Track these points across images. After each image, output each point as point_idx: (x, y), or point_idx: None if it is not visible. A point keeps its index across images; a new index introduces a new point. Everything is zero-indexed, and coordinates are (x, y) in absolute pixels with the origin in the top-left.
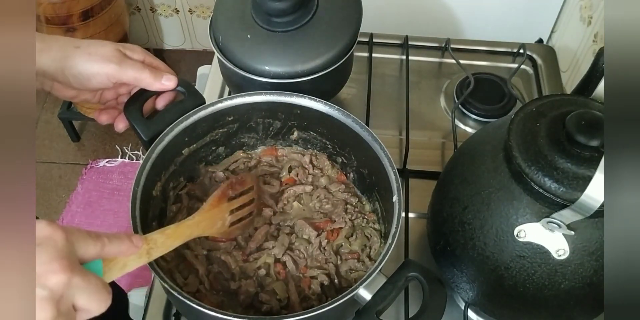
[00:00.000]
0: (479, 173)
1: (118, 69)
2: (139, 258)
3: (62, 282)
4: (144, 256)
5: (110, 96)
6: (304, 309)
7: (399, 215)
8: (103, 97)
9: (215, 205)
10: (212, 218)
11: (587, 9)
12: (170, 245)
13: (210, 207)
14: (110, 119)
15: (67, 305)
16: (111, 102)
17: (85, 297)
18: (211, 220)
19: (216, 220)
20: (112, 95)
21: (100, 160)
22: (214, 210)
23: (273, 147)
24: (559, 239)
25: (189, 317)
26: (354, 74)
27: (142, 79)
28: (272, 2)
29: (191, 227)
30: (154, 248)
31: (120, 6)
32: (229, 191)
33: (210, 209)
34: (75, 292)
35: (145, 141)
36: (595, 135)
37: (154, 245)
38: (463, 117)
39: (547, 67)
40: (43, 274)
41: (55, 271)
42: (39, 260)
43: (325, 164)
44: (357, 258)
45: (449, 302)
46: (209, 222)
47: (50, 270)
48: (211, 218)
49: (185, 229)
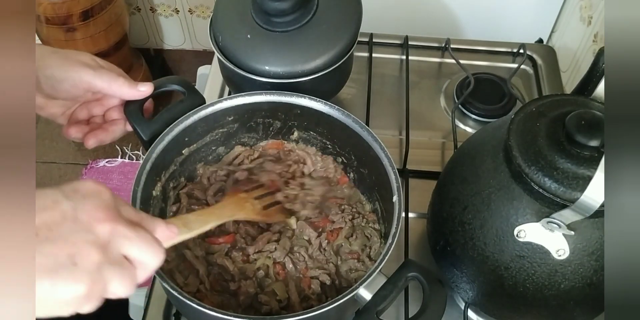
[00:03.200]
0: (479, 173)
1: (93, 74)
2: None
3: (107, 229)
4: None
5: (82, 116)
6: (304, 309)
7: (399, 215)
8: (74, 117)
9: (232, 195)
10: (236, 202)
11: (587, 9)
12: (204, 221)
13: (228, 197)
14: (79, 134)
15: (116, 252)
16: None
17: (136, 248)
18: (236, 204)
19: (242, 203)
20: (84, 115)
21: (100, 160)
22: (234, 198)
23: (279, 142)
24: (559, 239)
25: (189, 317)
26: (354, 74)
27: (117, 86)
28: (272, 2)
29: (218, 208)
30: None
31: (120, 6)
32: (240, 188)
33: (230, 198)
34: (123, 242)
35: (145, 141)
36: (595, 135)
37: (187, 220)
38: (463, 117)
39: (547, 67)
40: (88, 221)
41: (101, 219)
42: (84, 209)
43: (330, 166)
44: (357, 258)
45: (449, 302)
46: (235, 206)
47: (96, 217)
48: (235, 202)
49: (213, 210)
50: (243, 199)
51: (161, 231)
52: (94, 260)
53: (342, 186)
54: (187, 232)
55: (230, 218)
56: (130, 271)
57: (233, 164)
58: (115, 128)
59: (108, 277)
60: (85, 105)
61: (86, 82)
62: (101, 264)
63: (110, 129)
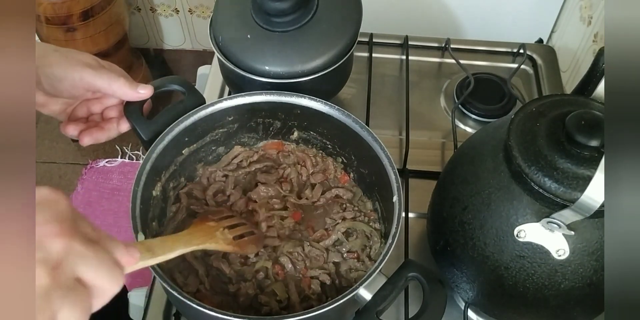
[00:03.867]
0: (479, 173)
1: (93, 74)
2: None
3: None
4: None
5: (81, 113)
6: (304, 310)
7: (399, 215)
8: (73, 114)
9: (199, 224)
10: (205, 230)
11: (587, 9)
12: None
13: (196, 224)
14: (75, 131)
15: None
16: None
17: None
18: (206, 231)
19: (212, 231)
20: (84, 113)
21: (100, 160)
22: (202, 226)
23: (279, 142)
24: (559, 239)
25: (189, 317)
26: (354, 74)
27: (117, 87)
28: (272, 2)
29: (185, 235)
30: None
31: (120, 6)
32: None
33: (197, 225)
34: (78, 262)
35: (145, 141)
36: (595, 135)
37: (151, 244)
38: (463, 117)
39: (547, 67)
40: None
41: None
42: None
43: (330, 167)
44: (357, 258)
45: (449, 302)
46: (205, 233)
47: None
48: (205, 230)
49: (179, 237)
50: (211, 228)
51: (120, 254)
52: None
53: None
54: (150, 258)
55: (199, 247)
56: (84, 298)
57: (232, 164)
58: (111, 126)
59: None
60: (85, 103)
61: (86, 82)
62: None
63: (106, 127)
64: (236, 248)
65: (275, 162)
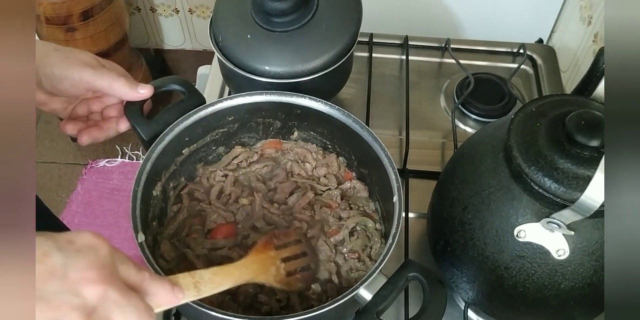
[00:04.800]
0: (479, 173)
1: (93, 74)
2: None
3: (97, 293)
4: (192, 289)
5: (81, 112)
6: (304, 310)
7: (399, 215)
8: (74, 112)
9: (260, 251)
10: (261, 262)
11: (587, 9)
12: (219, 282)
13: (256, 253)
14: (74, 130)
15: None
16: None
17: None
18: (261, 264)
19: (267, 265)
20: (84, 111)
21: (100, 160)
22: (261, 256)
23: (277, 140)
24: (559, 239)
25: (189, 317)
26: (354, 74)
27: (117, 87)
28: (272, 2)
29: (240, 268)
30: (200, 282)
31: (120, 6)
32: (273, 240)
33: (257, 255)
34: (112, 308)
35: (145, 141)
36: (595, 135)
37: (200, 279)
38: (463, 117)
39: (547, 67)
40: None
41: (92, 280)
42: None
43: (334, 164)
44: (357, 258)
45: (449, 302)
46: (260, 266)
47: (87, 278)
48: (261, 262)
49: (233, 269)
50: (269, 259)
51: (165, 295)
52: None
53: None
54: (194, 296)
55: (248, 281)
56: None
57: (232, 164)
58: (110, 126)
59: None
60: (86, 102)
61: (86, 82)
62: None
63: (105, 126)
64: (285, 286)
65: (276, 161)
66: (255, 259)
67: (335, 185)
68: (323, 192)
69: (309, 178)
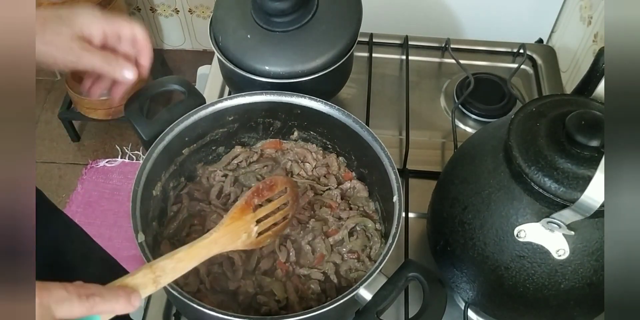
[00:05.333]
0: (479, 173)
1: (74, 62)
2: (144, 289)
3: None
4: (150, 286)
5: None
6: (303, 310)
7: (399, 215)
8: None
9: (237, 218)
10: (233, 232)
11: (587, 9)
12: (182, 268)
13: (231, 220)
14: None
15: None
16: None
17: None
18: (233, 234)
19: (239, 233)
20: None
21: (100, 160)
22: (236, 223)
23: (277, 140)
24: (559, 239)
25: (189, 317)
26: (354, 74)
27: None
28: (272, 2)
29: (208, 246)
30: (162, 275)
31: (120, 6)
32: (254, 200)
33: (231, 223)
34: None
35: (145, 141)
36: (595, 135)
37: (162, 273)
38: (463, 117)
39: (547, 67)
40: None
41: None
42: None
43: (334, 164)
44: (357, 258)
45: (449, 302)
46: (230, 237)
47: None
48: (233, 232)
49: (200, 250)
50: (243, 226)
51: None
52: None
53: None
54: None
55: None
56: None
57: (232, 164)
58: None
59: None
60: None
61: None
62: None
63: None
64: (253, 246)
65: (276, 161)
66: (227, 229)
67: (335, 185)
68: (323, 192)
69: (308, 178)
